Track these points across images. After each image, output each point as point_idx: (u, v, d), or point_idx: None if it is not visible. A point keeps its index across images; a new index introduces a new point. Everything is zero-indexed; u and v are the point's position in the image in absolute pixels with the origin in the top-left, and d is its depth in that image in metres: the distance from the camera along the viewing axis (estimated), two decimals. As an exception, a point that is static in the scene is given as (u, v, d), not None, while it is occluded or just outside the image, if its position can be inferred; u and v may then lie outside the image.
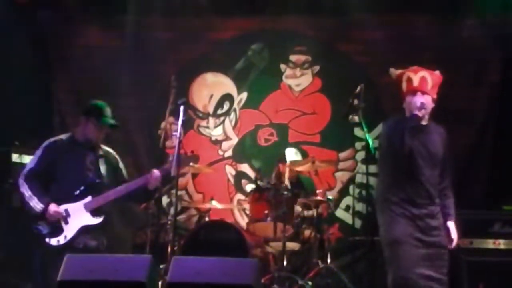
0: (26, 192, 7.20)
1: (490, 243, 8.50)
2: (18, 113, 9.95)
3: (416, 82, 6.71)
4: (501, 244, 8.42)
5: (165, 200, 9.39)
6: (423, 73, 6.81)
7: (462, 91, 9.95)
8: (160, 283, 6.21)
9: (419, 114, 6.49)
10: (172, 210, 7.88)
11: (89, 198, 7.20)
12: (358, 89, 8.59)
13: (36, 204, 7.12)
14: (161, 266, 6.67)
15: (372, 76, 9.87)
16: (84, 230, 7.21)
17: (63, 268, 5.97)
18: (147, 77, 10.02)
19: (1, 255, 9.28)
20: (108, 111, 7.41)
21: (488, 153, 9.71)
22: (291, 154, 9.52)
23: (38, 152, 7.49)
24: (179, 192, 8.50)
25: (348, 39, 10.52)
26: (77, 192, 7.20)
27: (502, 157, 9.40)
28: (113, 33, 10.50)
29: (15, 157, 9.67)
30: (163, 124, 8.58)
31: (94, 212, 7.22)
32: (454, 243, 6.65)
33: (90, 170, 7.36)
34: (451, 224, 6.60)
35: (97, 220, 7.19)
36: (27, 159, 9.44)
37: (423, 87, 6.69)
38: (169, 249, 7.82)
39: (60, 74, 10.63)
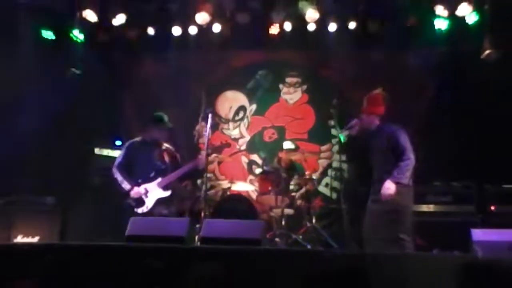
0: (118, 177, 7.87)
1: (424, 208, 8.60)
2: (98, 121, 10.09)
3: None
4: (431, 208, 8.55)
5: (198, 180, 9.50)
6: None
7: (407, 103, 9.91)
8: (196, 237, 6.33)
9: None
10: (203, 187, 7.96)
11: (159, 179, 7.79)
12: (334, 102, 8.71)
13: (125, 186, 7.77)
14: (197, 226, 6.78)
15: (343, 93, 9.86)
16: (158, 202, 7.82)
17: (129, 227, 6.15)
18: (185, 94, 10.03)
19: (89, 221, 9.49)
20: (166, 118, 7.99)
21: (425, 146, 9.72)
22: (288, 144, 9.66)
23: (123, 150, 8.14)
24: (208, 175, 8.59)
25: (327, 67, 10.57)
26: (151, 175, 7.80)
27: (434, 149, 9.38)
28: (162, 64, 10.52)
29: (96, 150, 9.85)
30: (197, 127, 8.65)
31: (164, 188, 7.82)
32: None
33: (158, 160, 7.92)
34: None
35: (167, 193, 7.83)
36: (105, 152, 9.68)
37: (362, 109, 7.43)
38: (202, 214, 7.84)
39: (126, 93, 10.72)
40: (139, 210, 7.84)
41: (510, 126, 7.71)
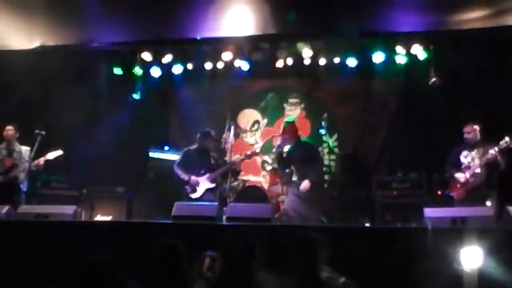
0: (178, 172, 7.88)
1: (390, 193, 8.56)
2: (152, 132, 10.18)
3: None
4: (395, 193, 8.51)
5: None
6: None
7: (375, 116, 9.97)
8: (224, 217, 6.36)
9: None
10: (229, 180, 8.02)
11: (207, 175, 7.78)
12: (324, 116, 8.72)
13: (184, 177, 7.76)
14: (224, 209, 6.75)
15: (331, 109, 9.81)
16: (207, 190, 7.79)
17: (174, 209, 6.20)
18: (214, 112, 9.92)
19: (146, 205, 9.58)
20: (213, 132, 8.14)
21: (390, 148, 9.73)
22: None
23: (181, 154, 8.19)
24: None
25: (318, 90, 10.44)
26: (202, 172, 7.78)
27: (396, 149, 9.38)
28: (198, 91, 10.55)
29: (151, 154, 9.85)
30: (224, 136, 8.62)
31: (211, 181, 7.82)
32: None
33: (206, 161, 7.88)
34: None
35: (213, 185, 7.83)
36: (157, 155, 9.70)
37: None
38: (228, 200, 7.93)
39: (172, 113, 10.73)
40: (193, 196, 7.92)
41: (449, 131, 7.71)
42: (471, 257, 4.50)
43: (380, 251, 5.12)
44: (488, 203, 6.97)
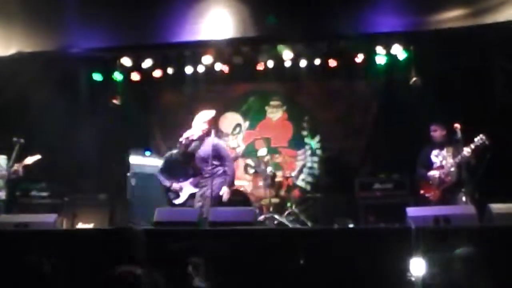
0: (160, 178, 7.95)
1: (373, 193, 8.53)
2: (133, 138, 10.10)
3: None
4: (378, 193, 8.47)
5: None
6: None
7: (357, 117, 10.01)
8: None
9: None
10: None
11: (191, 179, 7.76)
12: (305, 118, 8.73)
13: (166, 183, 7.84)
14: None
15: (312, 112, 9.86)
16: (190, 196, 7.67)
17: (156, 215, 6.14)
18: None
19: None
20: None
21: (372, 149, 9.74)
22: (261, 152, 9.48)
23: (163, 160, 8.19)
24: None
25: (300, 93, 10.47)
26: (185, 177, 7.77)
27: (379, 151, 9.40)
28: (179, 95, 10.54)
29: (131, 159, 9.75)
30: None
31: (195, 186, 7.65)
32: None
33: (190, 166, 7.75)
34: None
35: (197, 189, 7.49)
36: (138, 160, 9.61)
37: None
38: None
39: (153, 117, 10.72)
40: (176, 202, 7.86)
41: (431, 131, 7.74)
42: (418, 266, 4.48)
43: (364, 251, 5.11)
44: (463, 200, 7.02)
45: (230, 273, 5.01)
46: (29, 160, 7.99)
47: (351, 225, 7.89)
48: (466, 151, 7.00)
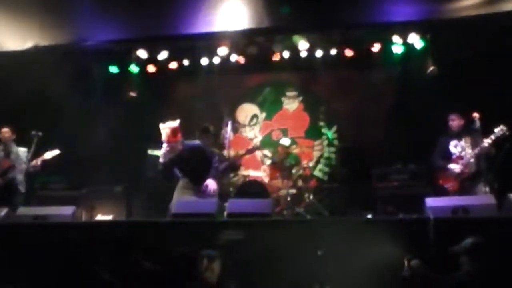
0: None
1: (390, 184, 8.40)
2: (149, 129, 9.77)
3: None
4: (395, 183, 8.36)
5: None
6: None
7: (373, 107, 9.93)
8: (225, 213, 6.28)
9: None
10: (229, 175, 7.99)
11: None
12: (321, 109, 8.71)
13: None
14: (225, 204, 6.60)
15: (328, 102, 9.84)
16: None
17: (174, 207, 6.18)
18: (213, 108, 9.94)
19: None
20: (211, 128, 7.64)
21: (389, 139, 9.66)
22: (284, 141, 9.50)
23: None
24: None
25: (315, 83, 10.45)
26: None
27: (395, 140, 9.35)
28: (195, 87, 10.48)
29: (149, 151, 9.72)
30: (222, 131, 8.61)
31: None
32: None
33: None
34: None
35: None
36: (155, 152, 9.55)
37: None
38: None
39: (169, 109, 10.53)
40: None
41: (448, 120, 7.67)
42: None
43: (383, 242, 5.09)
44: (482, 190, 6.97)
45: (247, 265, 5.04)
46: (48, 155, 8.07)
47: (369, 216, 7.87)
48: (486, 142, 6.92)
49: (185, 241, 5.22)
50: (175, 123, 6.83)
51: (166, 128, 6.81)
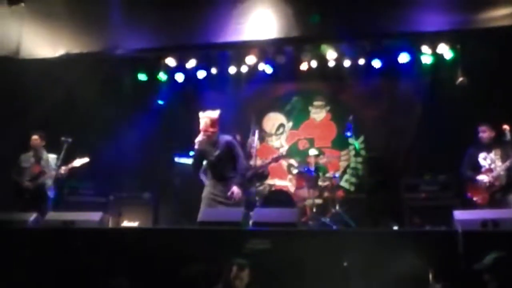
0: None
1: (419, 195, 8.42)
2: (176, 137, 10.03)
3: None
4: (423, 195, 8.36)
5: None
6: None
7: (403, 117, 9.91)
8: (250, 222, 6.25)
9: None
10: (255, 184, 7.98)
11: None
12: (350, 118, 8.68)
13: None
14: (251, 213, 6.52)
15: (356, 111, 9.73)
16: None
17: (200, 215, 6.20)
18: (239, 117, 9.92)
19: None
20: (238, 137, 7.84)
21: (417, 149, 9.61)
22: (312, 151, 9.42)
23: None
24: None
25: (343, 93, 10.45)
26: None
27: (423, 152, 9.28)
28: (223, 95, 10.46)
29: (176, 159, 9.84)
30: (249, 140, 8.61)
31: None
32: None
33: None
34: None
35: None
36: (182, 160, 9.68)
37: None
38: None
39: (197, 117, 10.71)
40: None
41: (477, 132, 7.58)
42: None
43: (409, 255, 5.04)
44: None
45: (272, 274, 5.03)
46: (78, 162, 8.19)
47: (395, 227, 7.81)
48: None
49: (210, 249, 5.24)
50: (215, 113, 6.86)
51: (205, 117, 6.82)
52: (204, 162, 7.03)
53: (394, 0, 7.93)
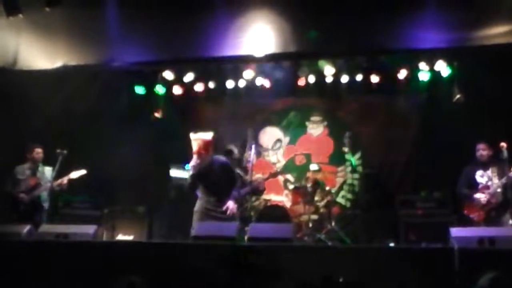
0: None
1: (415, 211, 8.43)
2: (173, 151, 9.92)
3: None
4: (420, 211, 8.36)
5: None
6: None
7: (400, 134, 9.93)
8: (246, 237, 6.20)
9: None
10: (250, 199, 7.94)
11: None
12: (346, 134, 8.68)
13: None
14: (246, 228, 6.48)
15: (352, 128, 9.76)
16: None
17: (194, 229, 6.15)
18: (237, 132, 9.91)
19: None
20: (235, 150, 7.65)
21: (413, 166, 9.62)
22: (313, 166, 9.46)
23: None
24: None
25: (341, 109, 10.46)
26: None
27: (420, 169, 9.28)
28: (220, 109, 10.50)
29: (171, 172, 9.83)
30: (245, 155, 8.59)
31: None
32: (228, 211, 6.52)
33: None
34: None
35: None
36: (178, 174, 9.62)
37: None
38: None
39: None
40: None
41: (473, 149, 7.59)
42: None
43: (405, 271, 5.01)
44: (510, 222, 6.86)
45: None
46: (75, 174, 8.17)
47: (391, 244, 7.78)
48: (514, 172, 6.84)
49: (204, 263, 5.19)
50: (208, 135, 6.75)
51: (198, 139, 6.71)
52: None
53: (392, 17, 7.95)
